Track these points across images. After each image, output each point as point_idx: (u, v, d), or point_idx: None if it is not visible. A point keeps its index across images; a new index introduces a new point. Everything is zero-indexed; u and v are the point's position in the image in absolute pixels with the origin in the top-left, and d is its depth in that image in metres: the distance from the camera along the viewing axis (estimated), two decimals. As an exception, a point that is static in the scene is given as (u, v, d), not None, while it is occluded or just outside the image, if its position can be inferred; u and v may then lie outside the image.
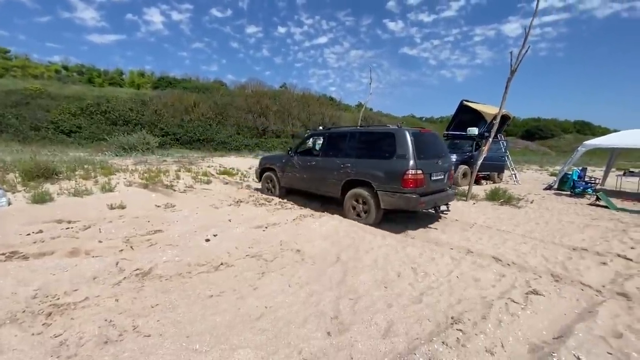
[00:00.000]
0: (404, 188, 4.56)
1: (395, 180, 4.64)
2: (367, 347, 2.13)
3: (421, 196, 4.63)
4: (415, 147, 4.66)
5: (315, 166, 5.94)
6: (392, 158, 4.74)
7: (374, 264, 3.59)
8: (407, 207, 4.69)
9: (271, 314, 2.49)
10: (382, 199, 4.82)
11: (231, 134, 23.26)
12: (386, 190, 4.77)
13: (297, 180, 6.37)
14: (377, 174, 4.87)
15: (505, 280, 3.22)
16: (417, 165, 4.58)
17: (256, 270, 3.27)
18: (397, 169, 4.62)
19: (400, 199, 4.63)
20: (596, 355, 2.10)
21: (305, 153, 6.73)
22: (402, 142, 4.71)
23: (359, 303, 2.70)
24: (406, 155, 4.61)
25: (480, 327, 2.36)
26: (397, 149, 4.71)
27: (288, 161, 6.56)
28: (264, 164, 7.31)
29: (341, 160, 5.45)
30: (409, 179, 4.52)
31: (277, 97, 30.38)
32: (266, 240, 4.08)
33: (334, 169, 5.53)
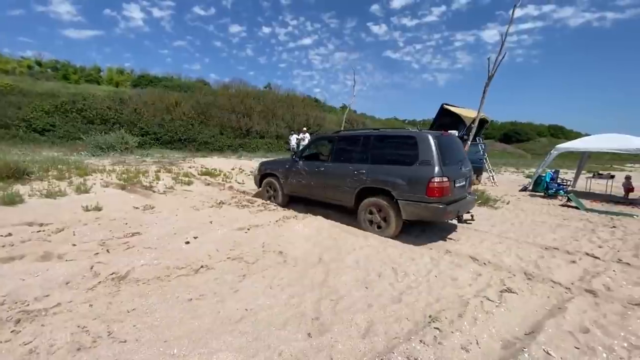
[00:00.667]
0: (429, 197, 4.17)
1: (418, 189, 4.24)
2: (347, 347, 2.16)
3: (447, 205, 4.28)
4: (439, 152, 4.30)
5: (324, 172, 5.48)
6: (415, 164, 4.35)
7: (355, 265, 3.63)
8: (433, 218, 4.35)
9: (252, 316, 2.48)
10: (404, 209, 4.40)
11: (214, 134, 22.87)
12: (409, 200, 4.35)
13: (303, 188, 5.89)
14: (397, 181, 4.44)
15: (481, 279, 3.33)
16: (442, 172, 4.21)
17: (237, 272, 3.24)
18: (421, 177, 4.23)
19: (425, 209, 4.24)
20: (564, 350, 2.21)
21: (311, 158, 6.29)
22: (425, 146, 4.33)
23: (340, 304, 2.73)
24: (431, 162, 4.23)
25: (456, 325, 2.43)
26: (420, 154, 4.32)
27: (292, 167, 6.10)
28: (264, 170, 6.80)
29: (354, 166, 5.01)
30: (434, 187, 4.14)
31: (262, 97, 30.13)
32: (248, 242, 4.05)
33: (346, 175, 5.09)
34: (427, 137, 4.37)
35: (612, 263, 4.01)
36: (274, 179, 6.50)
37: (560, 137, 57.10)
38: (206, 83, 35.95)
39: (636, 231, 5.62)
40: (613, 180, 10.62)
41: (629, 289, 3.29)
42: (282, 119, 27.49)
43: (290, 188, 6.20)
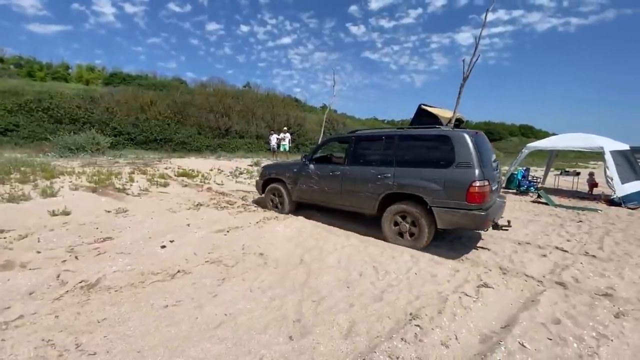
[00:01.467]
0: (470, 203, 3.79)
1: (457, 194, 3.84)
2: (329, 348, 2.14)
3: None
4: (478, 153, 3.94)
5: (341, 177, 4.97)
6: (451, 167, 3.93)
7: (337, 265, 3.62)
8: (473, 227, 3.98)
9: (231, 321, 2.41)
10: (440, 217, 3.97)
11: (191, 134, 22.25)
12: (445, 207, 3.93)
13: (315, 194, 5.37)
14: (431, 186, 4.01)
15: (459, 275, 3.41)
16: (484, 175, 3.85)
17: (216, 276, 3.15)
18: (460, 181, 3.84)
19: (465, 217, 3.84)
20: (538, 341, 2.29)
21: (324, 161, 5.84)
22: (462, 147, 3.92)
23: (322, 304, 2.71)
24: (470, 163, 3.83)
25: (436, 322, 2.47)
26: (457, 155, 3.92)
27: (302, 171, 5.56)
28: (268, 174, 6.23)
29: (377, 169, 4.53)
30: (475, 192, 3.75)
31: (241, 96, 29.62)
32: (228, 245, 3.95)
33: (367, 180, 4.61)
34: (463, 136, 3.98)
35: (580, 256, 4.22)
36: (279, 184, 5.95)
37: (530, 137, 59.76)
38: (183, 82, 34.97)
39: (600, 225, 5.95)
40: (578, 177, 11.24)
41: (596, 280, 3.47)
42: (262, 118, 27.15)
43: (299, 194, 5.64)
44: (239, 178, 9.97)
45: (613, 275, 3.61)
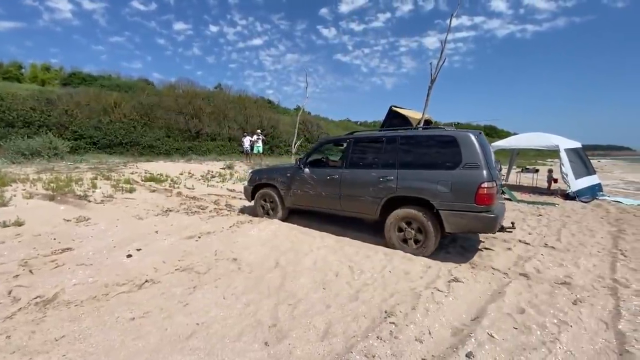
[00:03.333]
0: (479, 205, 3.66)
1: (466, 196, 3.71)
2: (306, 352, 2.12)
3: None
4: (484, 153, 3.85)
5: (339, 181, 4.74)
6: (458, 168, 3.80)
7: (313, 266, 3.61)
8: (483, 230, 3.84)
9: (203, 330, 2.32)
10: (448, 221, 3.82)
11: (160, 137, 21.37)
12: (453, 210, 3.79)
13: (312, 199, 5.11)
14: (438, 188, 3.85)
15: (431, 271, 3.51)
16: (492, 176, 3.74)
17: (187, 284, 3.03)
18: (469, 182, 3.70)
19: (474, 220, 3.70)
20: (505, 331, 2.39)
21: (319, 164, 5.58)
22: (468, 147, 3.83)
23: (298, 307, 2.68)
24: (478, 164, 3.73)
25: (410, 318, 2.52)
26: (464, 156, 3.80)
27: (296, 175, 5.28)
28: (257, 179, 5.88)
29: (379, 172, 4.33)
30: (484, 193, 3.63)
31: (212, 98, 28.86)
32: (199, 251, 3.82)
33: (368, 183, 4.41)
34: (469, 136, 3.89)
35: (540, 247, 4.49)
36: (271, 190, 5.64)
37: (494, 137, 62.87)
38: (149, 82, 33.56)
39: (557, 218, 6.37)
40: (538, 174, 11.99)
41: (555, 269, 3.70)
42: (234, 120, 26.64)
43: (294, 200, 5.36)
44: (210, 182, 9.70)
45: (570, 264, 3.87)
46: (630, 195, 10.04)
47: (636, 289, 3.23)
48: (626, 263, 3.96)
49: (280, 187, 5.50)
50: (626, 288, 3.24)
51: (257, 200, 5.85)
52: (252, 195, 5.95)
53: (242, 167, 13.45)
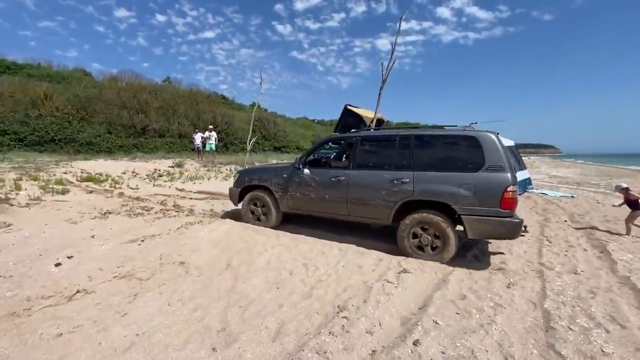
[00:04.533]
0: (504, 210, 3.49)
1: (490, 201, 3.52)
2: (257, 354, 2.05)
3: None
4: (506, 155, 3.66)
5: (347, 183, 4.36)
6: (480, 170, 3.60)
7: (267, 266, 3.53)
8: (507, 236, 3.65)
9: (144, 341, 2.14)
10: (471, 227, 3.62)
11: (100, 133, 19.48)
12: (477, 215, 3.58)
13: (314, 203, 4.67)
14: (460, 192, 3.63)
15: (382, 263, 3.61)
16: (516, 179, 3.59)
17: (126, 292, 2.79)
18: (493, 186, 3.52)
19: (500, 226, 3.53)
20: (448, 317, 2.54)
21: (320, 165, 5.22)
22: (492, 149, 3.62)
23: (250, 309, 2.60)
24: (503, 167, 3.54)
25: (362, 311, 2.56)
26: (487, 158, 3.60)
27: (294, 176, 4.81)
28: (246, 181, 5.33)
29: (392, 174, 4.03)
30: (509, 197, 3.47)
31: (160, 92, 27.03)
32: (142, 256, 3.53)
33: (380, 186, 4.09)
34: (491, 137, 3.70)
35: (481, 237, 4.85)
36: (264, 192, 5.12)
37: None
38: (87, 73, 30.48)
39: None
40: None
41: (492, 257, 4.03)
42: (185, 116, 25.28)
43: (291, 204, 4.87)
44: (157, 181, 9.08)
45: (505, 251, 4.24)
46: (554, 188, 11.34)
47: (559, 270, 3.63)
48: (550, 248, 4.45)
49: (275, 189, 4.98)
50: (550, 270, 3.63)
51: (246, 204, 5.30)
52: (239, 199, 5.43)
53: (194, 165, 12.79)
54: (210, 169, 11.89)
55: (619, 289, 3.20)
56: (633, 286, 3.24)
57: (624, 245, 4.60)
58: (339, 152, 6.33)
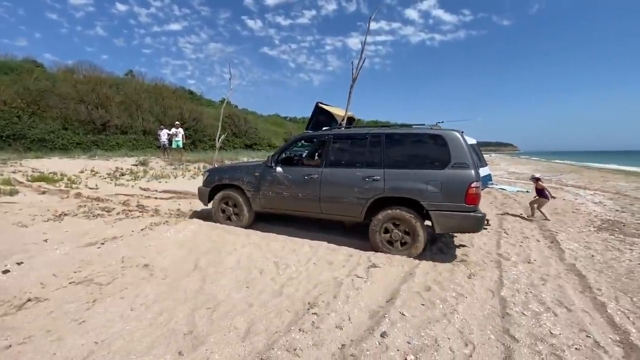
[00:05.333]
0: (468, 205, 3.67)
1: (456, 196, 3.68)
2: (225, 355, 2.02)
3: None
4: (470, 153, 3.83)
5: (318, 180, 4.38)
6: (447, 168, 3.77)
7: (236, 265, 3.47)
8: (472, 230, 3.85)
9: (104, 349, 2.04)
10: (438, 222, 3.78)
11: (54, 130, 18.02)
12: (444, 210, 3.75)
13: (287, 202, 4.66)
14: (428, 189, 3.77)
15: (352, 259, 3.68)
16: (479, 176, 3.77)
17: (84, 299, 2.63)
18: (459, 182, 3.68)
19: (464, 220, 3.71)
20: (414, 308, 2.64)
21: (292, 163, 5.19)
22: (457, 147, 3.80)
23: (218, 310, 2.55)
24: (467, 164, 3.72)
25: (331, 307, 2.60)
26: (452, 156, 3.77)
27: (267, 175, 4.76)
28: (216, 180, 5.20)
29: (364, 171, 4.12)
30: (474, 193, 3.65)
31: (121, 85, 25.52)
32: (101, 260, 3.34)
33: (352, 183, 4.16)
34: (457, 135, 3.88)
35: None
36: (234, 191, 5.02)
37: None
38: (39, 64, 28.13)
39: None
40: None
41: (456, 249, 4.23)
42: (149, 111, 24.10)
43: (264, 203, 4.81)
44: (119, 180, 8.60)
45: (467, 243, 4.47)
46: (512, 184, 12.10)
47: (514, 260, 3.90)
48: (507, 239, 4.75)
49: (247, 188, 4.90)
50: (507, 260, 3.88)
51: (217, 204, 5.16)
52: (209, 198, 5.28)
53: (159, 163, 12.25)
54: (177, 167, 11.44)
55: (566, 275, 3.50)
56: (578, 272, 3.55)
57: (571, 236, 5.02)
58: (312, 150, 6.34)
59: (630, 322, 2.54)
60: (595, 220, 6.07)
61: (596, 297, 2.96)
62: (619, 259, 4.02)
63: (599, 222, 5.93)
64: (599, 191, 10.24)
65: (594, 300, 2.91)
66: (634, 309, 2.76)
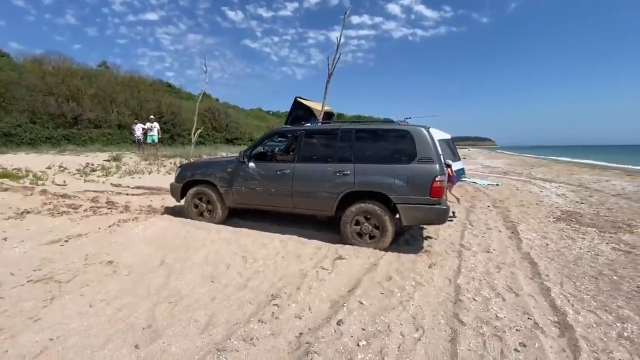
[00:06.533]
0: (433, 198, 3.79)
1: (422, 190, 3.80)
2: (182, 347, 2.06)
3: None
4: (436, 148, 3.97)
5: (290, 175, 4.41)
6: (413, 162, 3.89)
7: (204, 261, 3.49)
8: (437, 221, 4.00)
9: (58, 345, 2.03)
10: (405, 214, 3.90)
11: (20, 123, 17.17)
12: (410, 203, 3.86)
13: (259, 197, 4.67)
14: (395, 182, 3.88)
15: (320, 252, 3.78)
16: (443, 170, 3.90)
17: (42, 297, 2.59)
18: (424, 176, 3.81)
19: (430, 212, 3.85)
20: (373, 297, 2.76)
21: (264, 158, 5.17)
22: (423, 142, 3.92)
23: (180, 304, 2.57)
24: (432, 159, 3.85)
25: (293, 298, 2.68)
26: (418, 150, 3.89)
27: (239, 170, 4.74)
28: (188, 176, 5.14)
29: (334, 166, 4.19)
30: (438, 186, 3.78)
31: (94, 77, 24.56)
32: (63, 258, 3.29)
33: (324, 178, 4.22)
34: (423, 131, 3.99)
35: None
36: (207, 187, 4.97)
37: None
38: (4, 54, 26.67)
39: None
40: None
41: (423, 241, 4.40)
42: (125, 105, 23.37)
43: (237, 198, 4.79)
44: (90, 176, 8.35)
45: (433, 235, 4.65)
46: (485, 177, 12.55)
47: (475, 250, 4.10)
48: (471, 230, 4.98)
49: (219, 184, 4.86)
50: (468, 250, 4.07)
51: (189, 200, 5.10)
52: (181, 195, 5.21)
53: (133, 158, 11.93)
54: (152, 163, 11.19)
55: (520, 263, 3.72)
56: (531, 260, 3.78)
57: (531, 226, 5.30)
58: (287, 145, 6.35)
59: (569, 304, 2.75)
60: (556, 212, 6.43)
61: (543, 282, 3.17)
62: (570, 247, 4.30)
63: (558, 213, 6.28)
64: (563, 184, 10.80)
65: (541, 285, 3.12)
66: (575, 292, 2.98)
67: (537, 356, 2.05)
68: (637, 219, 5.69)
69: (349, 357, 1.98)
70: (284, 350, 2.07)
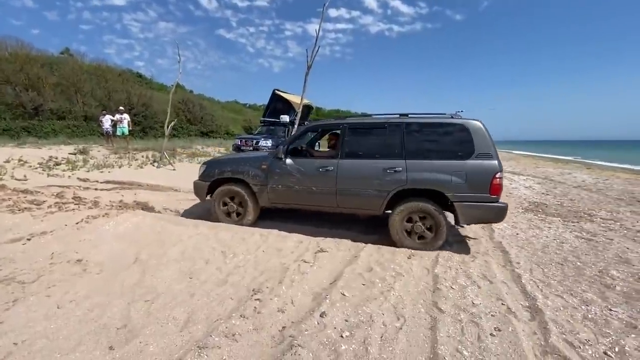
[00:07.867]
0: (492, 196, 3.65)
1: (481, 187, 3.65)
2: (161, 346, 1.99)
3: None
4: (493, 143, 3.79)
5: (334, 173, 4.14)
6: (470, 158, 3.71)
7: (181, 257, 3.38)
8: (495, 220, 3.83)
9: (24, 350, 1.90)
10: (463, 213, 3.73)
11: (-27, 114, 15.97)
12: (468, 201, 3.70)
13: (299, 196, 4.36)
14: (452, 180, 3.70)
15: (302, 245, 3.76)
16: (502, 167, 3.73)
17: (4, 299, 2.40)
18: (484, 172, 3.66)
19: (489, 211, 3.69)
20: (354, 288, 2.78)
21: (304, 154, 4.90)
22: (480, 137, 3.73)
23: (157, 302, 2.48)
24: (491, 154, 3.70)
25: (275, 292, 2.65)
26: (476, 146, 3.71)
27: (275, 167, 4.42)
28: (217, 173, 4.74)
29: (384, 162, 3.95)
30: (497, 183, 3.64)
31: (56, 65, 23.04)
32: (26, 257, 3.07)
33: (372, 175, 3.98)
34: (480, 125, 3.79)
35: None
36: (238, 186, 4.60)
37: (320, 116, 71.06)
38: (-51, 37, 24.26)
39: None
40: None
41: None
42: (91, 95, 22.13)
43: (273, 197, 4.48)
44: (53, 170, 7.84)
45: (411, 227, 4.75)
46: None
47: (450, 240, 4.22)
48: (448, 222, 5.12)
49: (253, 182, 4.52)
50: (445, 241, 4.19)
51: (216, 200, 4.71)
52: (207, 193, 4.82)
53: (102, 151, 11.32)
54: (122, 156, 10.65)
55: (493, 252, 3.89)
56: (503, 249, 3.96)
57: (502, 216, 5.53)
58: (312, 139, 6.04)
59: (539, 289, 2.91)
60: (524, 203, 6.77)
61: (514, 269, 3.34)
62: (538, 236, 4.54)
63: (526, 204, 6.61)
64: (530, 176, 11.38)
65: (513, 272, 3.28)
66: (543, 278, 3.16)
67: (511, 340, 2.15)
68: (597, 209, 6.11)
69: (333, 348, 1.99)
70: (267, 344, 2.04)
